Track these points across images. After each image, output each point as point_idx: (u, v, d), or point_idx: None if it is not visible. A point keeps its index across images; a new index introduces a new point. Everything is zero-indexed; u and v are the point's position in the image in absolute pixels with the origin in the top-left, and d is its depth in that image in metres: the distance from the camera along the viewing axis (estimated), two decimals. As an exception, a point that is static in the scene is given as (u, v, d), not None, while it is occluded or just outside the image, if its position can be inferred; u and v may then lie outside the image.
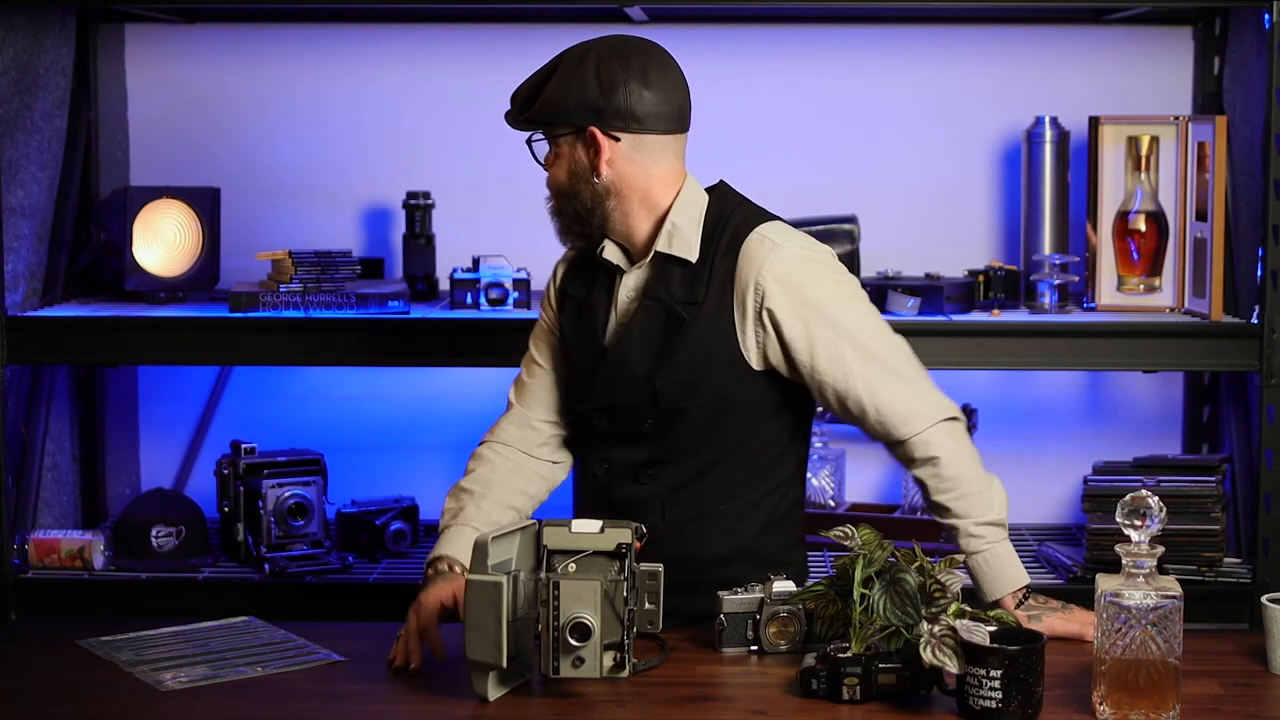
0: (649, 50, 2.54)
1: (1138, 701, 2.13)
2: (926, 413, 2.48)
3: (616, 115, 2.49)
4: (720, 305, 2.49)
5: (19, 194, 3.50)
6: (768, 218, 2.55)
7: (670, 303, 2.50)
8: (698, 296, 2.50)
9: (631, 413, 2.54)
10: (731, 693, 2.29)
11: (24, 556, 3.50)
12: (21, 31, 3.46)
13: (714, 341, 2.49)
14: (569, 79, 2.50)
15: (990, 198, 3.84)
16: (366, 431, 3.91)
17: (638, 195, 2.53)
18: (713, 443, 2.53)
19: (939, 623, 2.16)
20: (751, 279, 2.47)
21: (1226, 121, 3.41)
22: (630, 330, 2.54)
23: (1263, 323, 3.31)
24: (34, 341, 3.42)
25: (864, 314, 2.51)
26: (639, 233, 2.55)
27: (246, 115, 3.87)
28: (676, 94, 2.55)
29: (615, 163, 2.51)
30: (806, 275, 2.49)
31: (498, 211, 3.86)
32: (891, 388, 2.48)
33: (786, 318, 2.47)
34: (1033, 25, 3.79)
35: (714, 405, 2.51)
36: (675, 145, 2.56)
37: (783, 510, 2.60)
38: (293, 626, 2.57)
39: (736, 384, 2.50)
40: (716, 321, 2.49)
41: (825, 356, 2.47)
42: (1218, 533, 3.41)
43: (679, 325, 2.50)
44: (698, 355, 2.49)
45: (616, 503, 2.58)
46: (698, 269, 2.51)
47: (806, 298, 2.47)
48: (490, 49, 3.84)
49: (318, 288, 3.47)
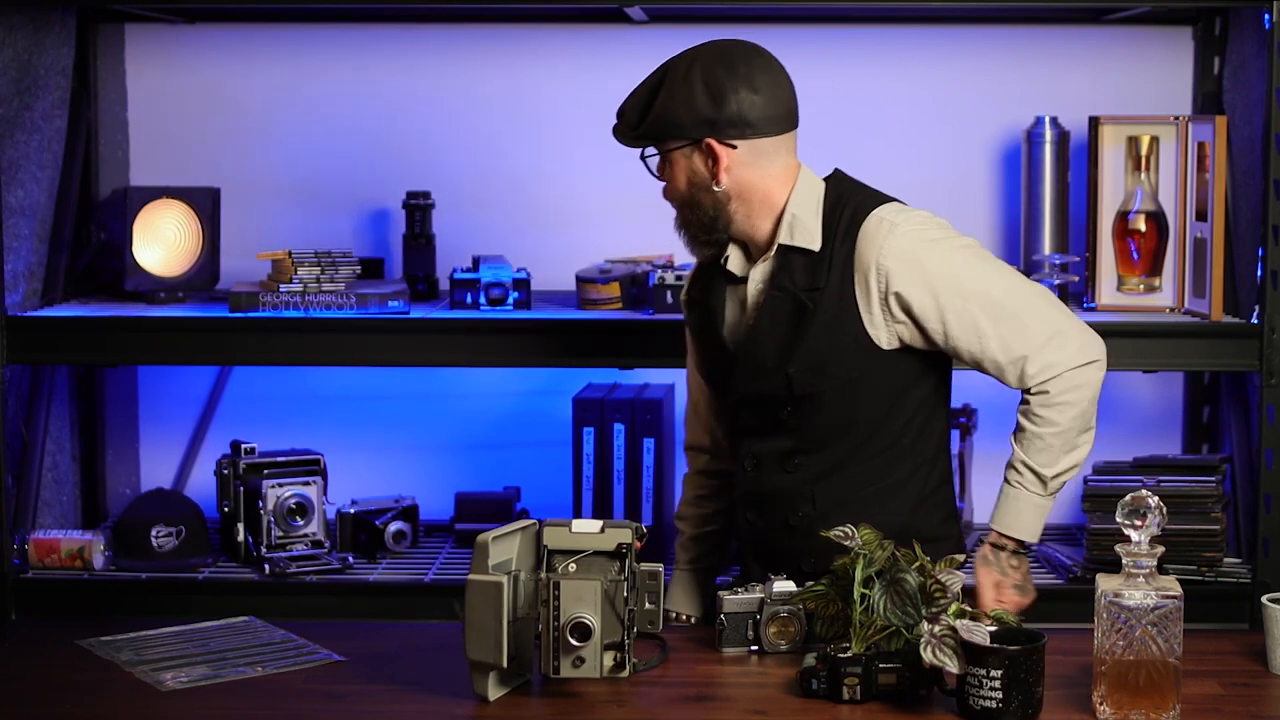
0: (752, 54, 2.57)
1: (1138, 701, 2.13)
2: (1059, 360, 2.50)
3: (730, 124, 2.52)
4: (842, 289, 2.53)
5: (19, 194, 3.50)
6: (884, 199, 2.59)
7: (794, 290, 2.54)
8: (820, 282, 2.54)
9: (769, 402, 2.58)
10: (731, 693, 2.29)
11: (24, 556, 3.50)
12: (21, 31, 3.46)
13: (839, 325, 2.53)
14: (678, 92, 2.53)
15: (990, 198, 3.84)
16: (366, 431, 3.91)
17: (758, 197, 2.57)
18: (852, 425, 2.56)
19: (939, 623, 2.16)
20: (872, 262, 2.51)
21: (1226, 121, 3.41)
22: (759, 322, 2.58)
23: (1263, 323, 3.31)
24: (34, 341, 3.42)
25: (990, 273, 2.54)
26: (761, 231, 2.59)
27: (246, 115, 3.87)
28: (784, 93, 2.58)
29: (733, 170, 2.54)
30: (927, 250, 2.52)
31: (498, 211, 3.86)
32: (1026, 342, 2.50)
33: (915, 295, 2.50)
34: (1033, 25, 3.79)
35: (846, 387, 2.54)
36: (788, 143, 2.60)
37: (931, 486, 2.62)
38: (293, 626, 2.57)
39: (866, 365, 2.54)
40: (840, 305, 2.53)
41: (958, 324, 2.51)
42: (1218, 533, 3.41)
43: (804, 312, 2.54)
44: (824, 339, 2.53)
45: (767, 494, 2.62)
46: (819, 256, 2.55)
47: (931, 272, 2.50)
48: (490, 49, 3.84)
49: (318, 288, 3.47)
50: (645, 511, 3.58)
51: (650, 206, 3.84)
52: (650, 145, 2.58)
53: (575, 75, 3.83)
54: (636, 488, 3.59)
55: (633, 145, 2.60)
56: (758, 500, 2.63)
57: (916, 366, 2.58)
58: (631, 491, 3.59)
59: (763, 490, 2.62)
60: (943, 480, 2.65)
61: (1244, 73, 3.51)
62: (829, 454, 2.58)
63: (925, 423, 2.61)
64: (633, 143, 2.60)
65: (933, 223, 2.58)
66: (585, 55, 3.83)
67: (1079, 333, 2.52)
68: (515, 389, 3.87)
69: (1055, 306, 2.54)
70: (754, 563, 2.66)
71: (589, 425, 3.58)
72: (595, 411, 3.59)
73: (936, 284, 2.50)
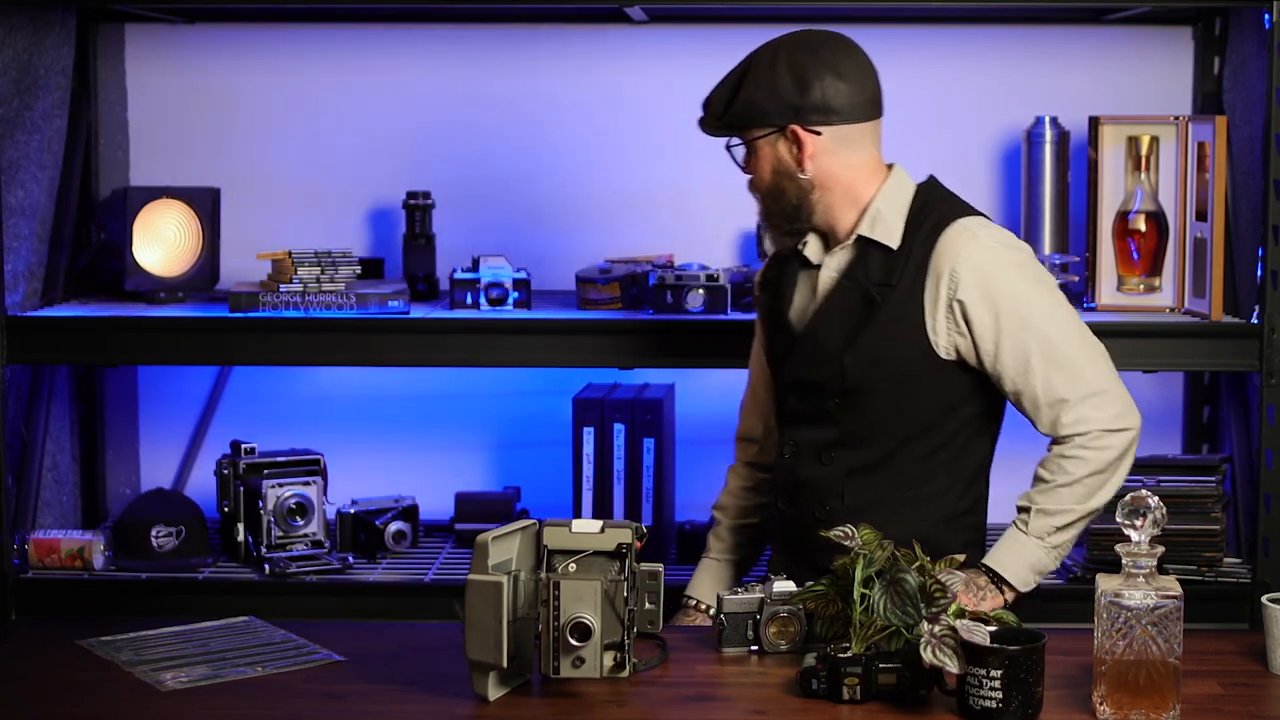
0: (835, 41, 2.60)
1: (1138, 701, 2.13)
2: (1094, 418, 2.50)
3: (815, 110, 2.55)
4: (913, 290, 2.55)
5: (19, 194, 3.50)
6: (973, 212, 2.61)
7: (866, 283, 2.56)
8: (892, 279, 2.55)
9: (820, 390, 2.59)
10: (731, 693, 2.29)
11: (24, 556, 3.50)
12: (21, 31, 3.46)
13: (903, 324, 2.55)
14: (763, 80, 2.55)
15: (990, 198, 3.84)
16: (366, 431, 3.90)
17: (841, 186, 2.59)
18: (895, 428, 2.58)
19: (939, 623, 2.16)
20: (947, 267, 2.53)
21: (1226, 121, 3.41)
22: (826, 309, 2.60)
23: (1263, 323, 3.31)
24: (34, 341, 3.42)
25: (1057, 314, 2.54)
26: (842, 221, 2.61)
27: (246, 115, 3.87)
28: (868, 81, 2.60)
29: (818, 157, 2.57)
30: (1002, 268, 2.53)
31: (498, 211, 3.86)
32: (1070, 390, 2.51)
33: (976, 309, 2.51)
34: (1033, 25, 3.79)
35: (898, 387, 2.55)
36: (872, 132, 2.62)
37: (964, 506, 2.62)
38: (293, 626, 2.57)
39: (921, 369, 2.55)
40: (907, 305, 2.55)
41: (1010, 351, 2.51)
42: (1218, 533, 3.41)
43: (871, 306, 2.55)
44: (885, 336, 2.55)
45: (800, 483, 2.64)
46: (896, 254, 2.56)
47: (999, 290, 2.51)
48: (490, 49, 3.84)
49: (318, 288, 3.47)
50: (645, 511, 3.58)
51: (650, 206, 3.87)
52: (735, 135, 2.60)
53: (575, 75, 3.83)
54: (636, 488, 3.59)
55: (718, 135, 2.63)
56: (791, 489, 2.66)
57: (969, 384, 2.58)
58: (631, 491, 3.59)
59: (798, 479, 2.65)
60: (975, 504, 2.65)
61: (1244, 73, 3.51)
62: (866, 452, 2.59)
63: (967, 443, 2.61)
64: (718, 132, 2.62)
65: (1016, 245, 2.58)
66: (585, 55, 3.83)
67: (1122, 400, 2.53)
68: (515, 389, 3.87)
69: (1108, 367, 2.55)
70: (780, 554, 2.69)
71: (589, 425, 3.58)
72: (595, 411, 3.58)
73: (1000, 304, 2.51)
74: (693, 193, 3.82)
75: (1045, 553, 2.54)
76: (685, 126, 3.78)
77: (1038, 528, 2.52)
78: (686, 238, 3.80)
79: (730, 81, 2.61)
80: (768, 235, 2.68)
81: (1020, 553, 2.54)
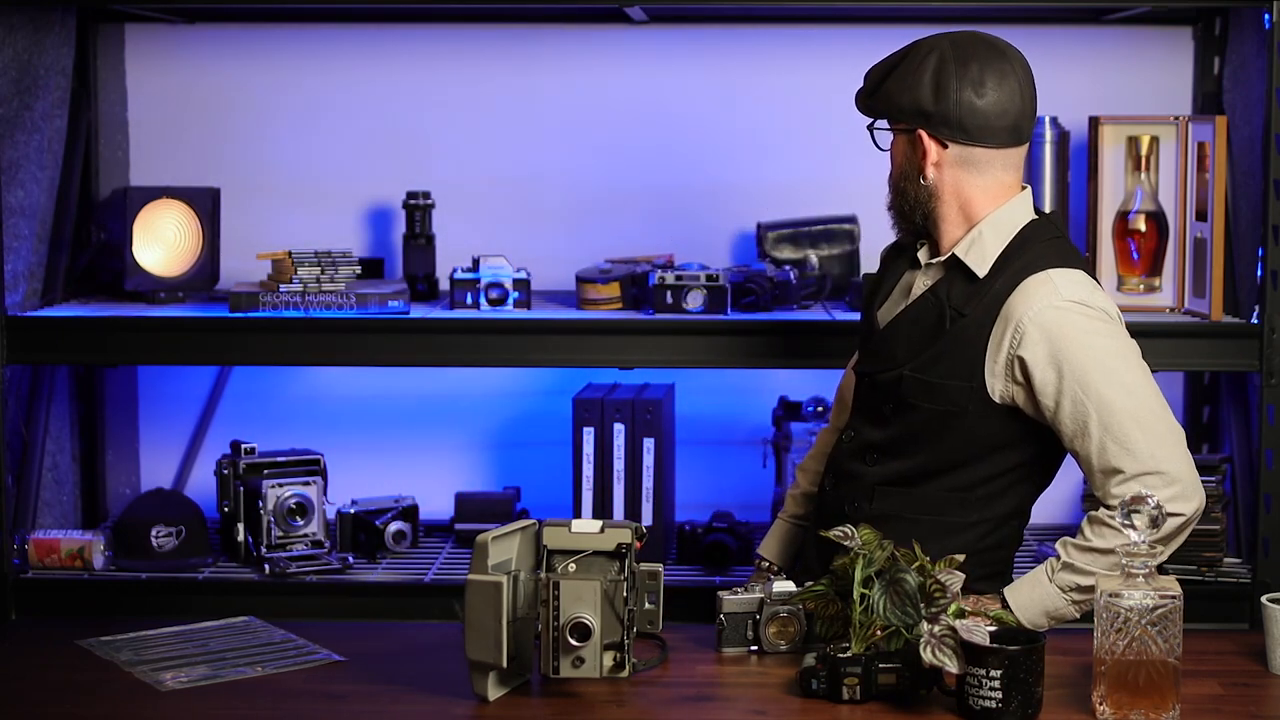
0: (995, 55, 2.52)
1: (1138, 701, 2.13)
2: (1137, 487, 2.38)
3: (944, 123, 2.50)
4: (981, 327, 2.49)
5: (19, 194, 3.50)
6: (1071, 263, 2.51)
7: (945, 304, 2.53)
8: (967, 309, 2.50)
9: (880, 390, 2.59)
10: (731, 693, 2.29)
11: (24, 556, 3.50)
12: (21, 31, 3.46)
13: (963, 357, 2.50)
14: (908, 75, 2.52)
15: (990, 198, 3.83)
16: (366, 431, 3.90)
17: (958, 203, 2.55)
18: (934, 453, 2.54)
19: (939, 623, 2.16)
20: (1015, 318, 2.46)
21: (1226, 121, 3.41)
22: (907, 316, 2.58)
23: (1263, 323, 3.31)
24: (34, 341, 3.42)
25: (1129, 382, 2.44)
26: (949, 235, 2.57)
27: (246, 115, 3.87)
28: (1013, 106, 2.52)
29: (942, 168, 2.53)
30: (1073, 330, 2.44)
31: (498, 211, 3.86)
32: (1127, 463, 2.41)
33: (1039, 367, 2.44)
34: (1033, 25, 3.79)
35: (942, 416, 2.51)
36: (1005, 159, 2.54)
37: (988, 544, 2.56)
38: (293, 626, 2.57)
39: (970, 407, 2.50)
40: (972, 341, 2.49)
41: (1070, 412, 2.43)
42: (1218, 533, 3.41)
43: (941, 328, 2.52)
44: (945, 363, 2.51)
45: (842, 473, 2.65)
46: (980, 285, 2.51)
47: (1066, 353, 2.43)
48: (491, 49, 3.84)
49: (318, 288, 3.47)
50: (645, 511, 3.58)
51: (650, 206, 3.87)
52: (875, 117, 2.59)
53: (575, 75, 3.83)
54: (636, 488, 3.59)
55: (861, 112, 2.60)
56: (836, 473, 2.67)
57: (1018, 431, 2.52)
58: (631, 491, 3.59)
59: (843, 468, 2.65)
60: (1001, 543, 2.59)
61: (1244, 73, 3.51)
62: (903, 465, 2.57)
63: (1009, 487, 2.56)
64: (862, 109, 2.60)
65: (1098, 309, 2.48)
66: (585, 55, 3.83)
67: (1182, 483, 2.40)
68: (515, 389, 3.87)
69: (1176, 445, 2.42)
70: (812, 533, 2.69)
71: (589, 425, 3.58)
72: (595, 411, 3.58)
73: (1065, 366, 2.43)
74: (693, 193, 3.82)
75: (1065, 603, 2.45)
76: (685, 126, 3.81)
77: (1063, 580, 2.44)
78: (686, 238, 3.80)
79: (887, 64, 2.57)
80: (894, 224, 2.64)
81: (1040, 596, 2.45)
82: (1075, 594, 2.44)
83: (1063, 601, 2.44)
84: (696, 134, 3.70)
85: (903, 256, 2.69)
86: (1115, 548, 2.34)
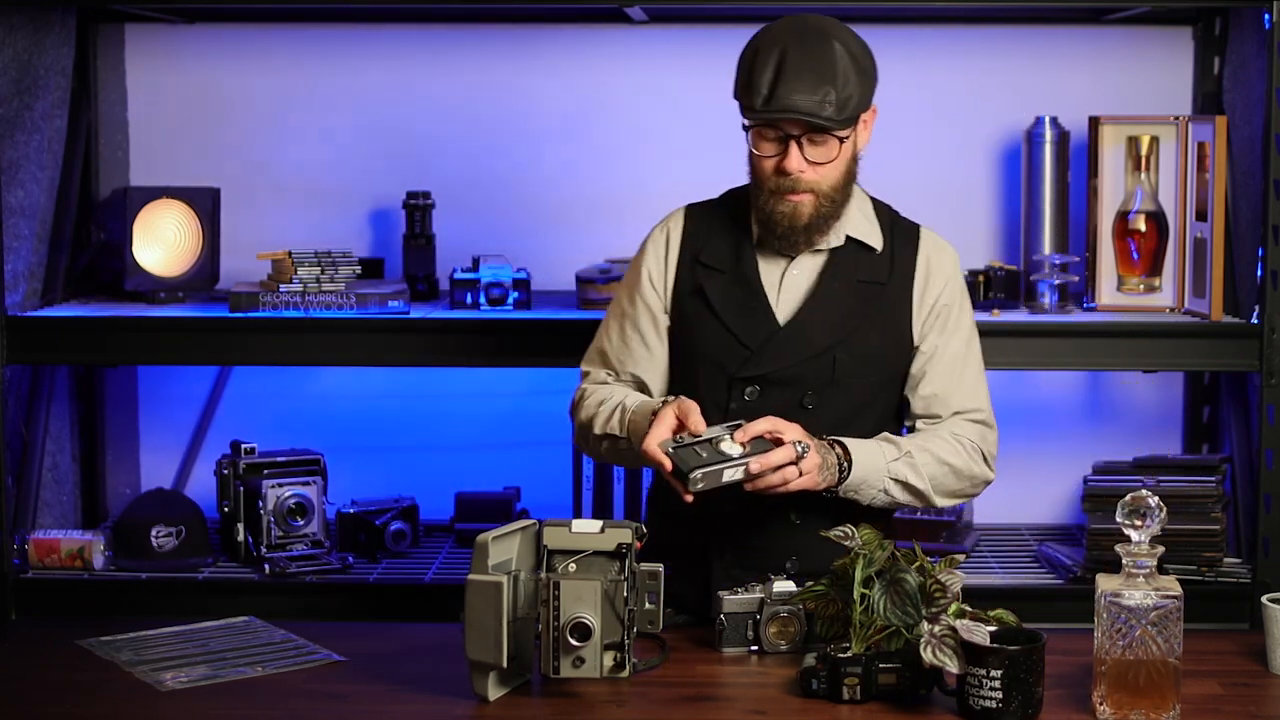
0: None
1: (1138, 701, 2.13)
2: (971, 408, 2.63)
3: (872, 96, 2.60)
4: (901, 291, 2.61)
5: (19, 194, 3.50)
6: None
7: (856, 281, 2.59)
8: (881, 278, 2.60)
9: (797, 384, 2.57)
10: (731, 693, 2.29)
11: (24, 556, 3.50)
12: (21, 31, 3.46)
13: (892, 322, 2.60)
14: (851, 69, 2.51)
15: (990, 198, 3.84)
16: (366, 431, 3.91)
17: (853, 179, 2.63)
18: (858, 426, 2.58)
19: (939, 623, 2.16)
20: (935, 272, 2.63)
21: (1226, 121, 3.41)
22: (809, 306, 2.59)
23: (1263, 323, 3.31)
24: (34, 341, 3.42)
25: (971, 315, 2.69)
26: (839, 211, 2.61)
27: (246, 115, 3.87)
28: None
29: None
30: (959, 272, 2.68)
31: (498, 211, 3.86)
32: (963, 383, 2.63)
33: (949, 308, 2.63)
34: (1033, 25, 3.79)
35: (876, 385, 2.60)
36: None
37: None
38: (293, 626, 2.57)
39: (899, 366, 2.62)
40: (896, 305, 2.60)
41: (935, 331, 2.61)
42: (1218, 533, 3.41)
43: (865, 304, 2.59)
44: (876, 334, 2.59)
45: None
46: (880, 256, 2.62)
47: (956, 292, 2.65)
48: (491, 49, 3.84)
49: (318, 288, 3.47)
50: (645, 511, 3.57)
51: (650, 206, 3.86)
52: (847, 126, 2.54)
53: (575, 75, 3.83)
54: (636, 488, 3.59)
55: (835, 130, 2.51)
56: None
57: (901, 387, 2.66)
58: (631, 491, 3.59)
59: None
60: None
61: (1244, 73, 3.51)
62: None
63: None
64: (836, 125, 2.51)
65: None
66: (585, 55, 3.83)
67: (988, 401, 2.68)
68: (515, 389, 3.87)
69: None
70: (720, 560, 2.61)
71: (589, 425, 3.58)
72: (595, 411, 3.58)
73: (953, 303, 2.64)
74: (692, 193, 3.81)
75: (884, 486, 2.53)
76: (685, 126, 3.81)
77: (904, 460, 2.54)
78: (686, 238, 3.80)
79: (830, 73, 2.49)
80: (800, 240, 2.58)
81: (878, 460, 2.53)
82: (910, 482, 2.55)
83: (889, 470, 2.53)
84: (696, 134, 3.70)
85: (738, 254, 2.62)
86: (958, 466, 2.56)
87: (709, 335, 2.63)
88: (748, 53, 2.56)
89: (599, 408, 2.64)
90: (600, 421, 2.62)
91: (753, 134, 2.56)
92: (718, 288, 2.64)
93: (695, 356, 2.64)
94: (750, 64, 2.54)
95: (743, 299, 2.62)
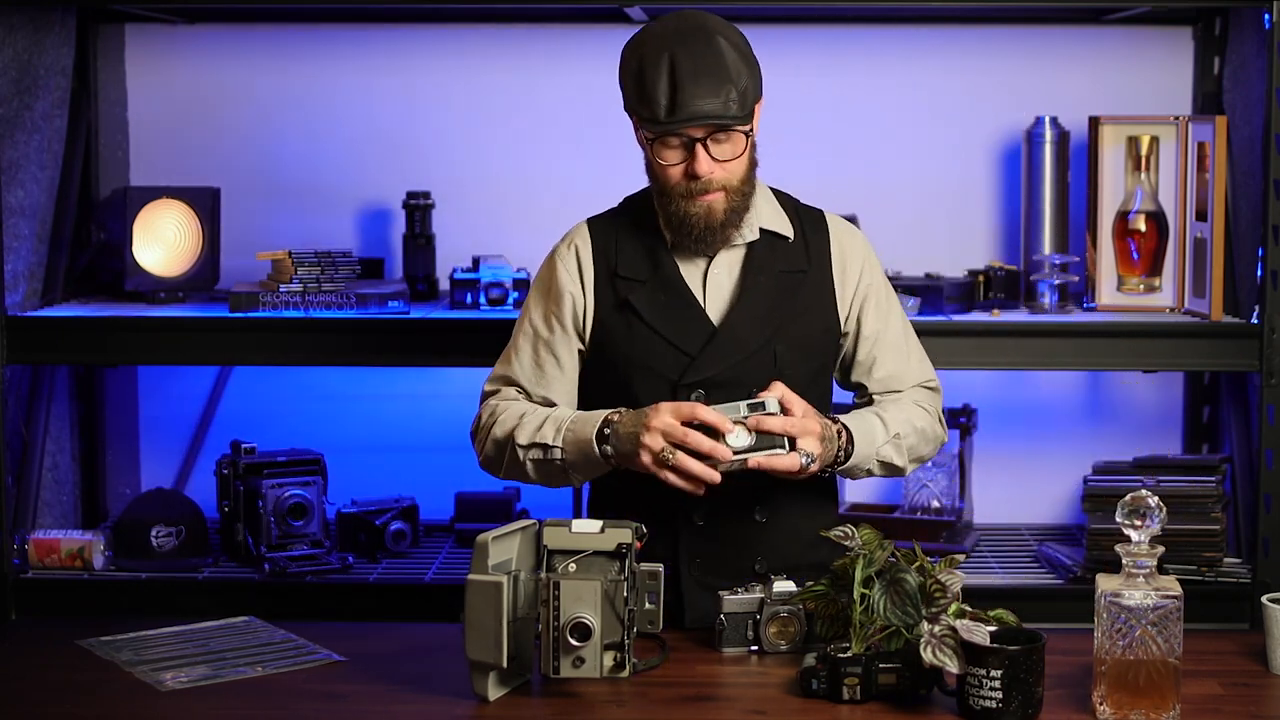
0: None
1: (1138, 701, 2.13)
2: (926, 377, 2.68)
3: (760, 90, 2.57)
4: (822, 276, 2.61)
5: (19, 194, 3.50)
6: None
7: (778, 272, 2.59)
8: (801, 267, 2.61)
9: (739, 383, 2.53)
10: (731, 693, 2.29)
11: (24, 556, 3.50)
12: (21, 31, 3.46)
13: (819, 308, 2.61)
14: (735, 60, 2.48)
15: (990, 198, 3.84)
16: (366, 431, 3.90)
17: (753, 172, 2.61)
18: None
19: (939, 623, 2.16)
20: (850, 254, 2.64)
21: (1226, 121, 3.41)
22: (741, 303, 2.57)
23: (1263, 323, 3.31)
24: (34, 341, 3.42)
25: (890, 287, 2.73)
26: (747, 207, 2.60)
27: (246, 115, 3.87)
28: None
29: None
30: (870, 249, 2.68)
31: (498, 211, 3.86)
32: (911, 357, 2.67)
33: (874, 288, 2.64)
34: (1033, 25, 3.79)
35: (813, 372, 2.61)
36: None
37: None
38: (293, 626, 2.57)
39: (831, 351, 2.64)
40: (819, 290, 2.61)
41: (872, 315, 2.63)
42: (1218, 533, 3.41)
43: (790, 294, 2.59)
44: (807, 322, 2.60)
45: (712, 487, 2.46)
46: (794, 244, 2.62)
47: (875, 271, 2.67)
48: (491, 49, 3.84)
49: (318, 288, 3.47)
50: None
51: (650, 206, 3.86)
52: (746, 121, 2.51)
53: (575, 75, 3.83)
54: (636, 488, 3.58)
55: (734, 123, 2.49)
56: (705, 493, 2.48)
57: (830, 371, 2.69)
58: (631, 491, 3.58)
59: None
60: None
61: (1244, 73, 3.51)
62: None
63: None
64: (734, 118, 2.48)
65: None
66: (585, 55, 3.83)
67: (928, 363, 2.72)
68: (515, 389, 3.87)
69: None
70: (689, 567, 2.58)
71: (589, 425, 3.58)
72: (595, 411, 3.58)
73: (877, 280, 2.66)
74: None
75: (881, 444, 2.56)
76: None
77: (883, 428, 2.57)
78: (686, 238, 3.80)
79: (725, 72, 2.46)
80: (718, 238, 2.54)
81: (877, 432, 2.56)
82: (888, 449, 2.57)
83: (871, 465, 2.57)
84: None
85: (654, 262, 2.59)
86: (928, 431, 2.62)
87: (643, 345, 2.58)
88: (631, 65, 2.51)
89: (521, 419, 2.57)
90: (528, 431, 2.55)
91: (655, 145, 2.53)
92: (644, 298, 2.59)
93: (630, 367, 2.58)
94: (639, 76, 2.49)
95: (672, 305, 2.58)
